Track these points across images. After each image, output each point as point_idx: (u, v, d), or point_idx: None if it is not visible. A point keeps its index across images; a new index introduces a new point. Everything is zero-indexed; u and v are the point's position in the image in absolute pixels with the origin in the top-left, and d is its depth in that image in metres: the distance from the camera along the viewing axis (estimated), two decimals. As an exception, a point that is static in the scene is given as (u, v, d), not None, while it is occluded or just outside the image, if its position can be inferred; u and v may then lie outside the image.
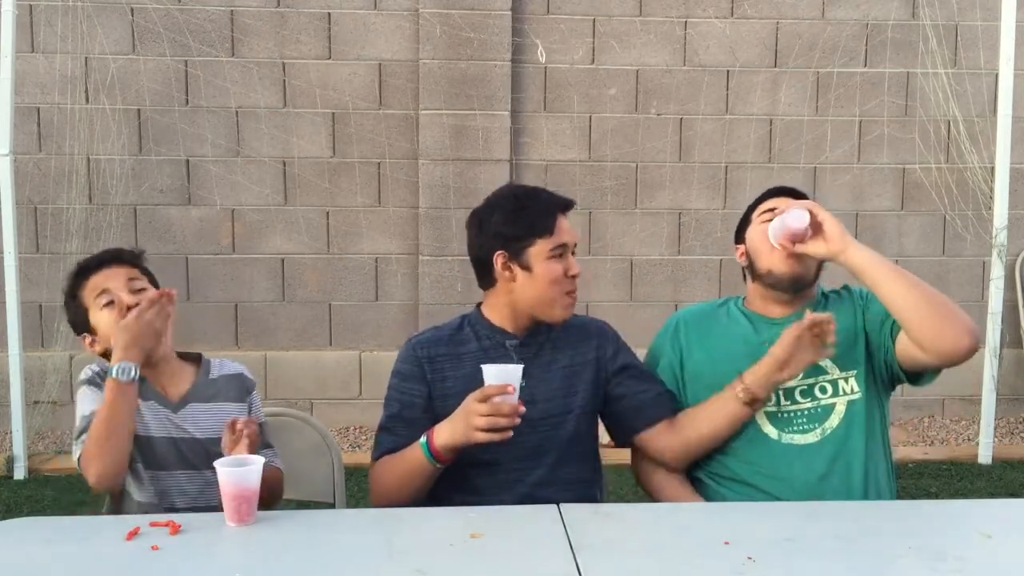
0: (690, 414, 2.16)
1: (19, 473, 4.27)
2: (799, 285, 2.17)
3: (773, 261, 2.15)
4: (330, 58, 4.93)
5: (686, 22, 5.03)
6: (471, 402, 1.89)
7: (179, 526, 1.76)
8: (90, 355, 2.10)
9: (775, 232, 2.12)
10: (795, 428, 2.12)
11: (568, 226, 2.11)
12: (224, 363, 2.17)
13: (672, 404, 2.19)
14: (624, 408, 2.18)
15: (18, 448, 4.29)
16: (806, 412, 2.13)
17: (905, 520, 1.89)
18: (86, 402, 2.01)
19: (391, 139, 4.97)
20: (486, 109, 4.92)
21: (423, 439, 1.97)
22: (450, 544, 1.71)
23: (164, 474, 2.00)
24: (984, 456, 4.59)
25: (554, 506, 1.89)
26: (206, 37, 4.85)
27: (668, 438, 2.15)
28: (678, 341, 2.25)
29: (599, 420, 2.23)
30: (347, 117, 4.94)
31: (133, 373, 1.92)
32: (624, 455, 4.90)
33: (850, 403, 2.13)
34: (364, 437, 4.85)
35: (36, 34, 4.78)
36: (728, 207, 5.12)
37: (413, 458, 1.99)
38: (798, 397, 2.13)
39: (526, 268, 2.08)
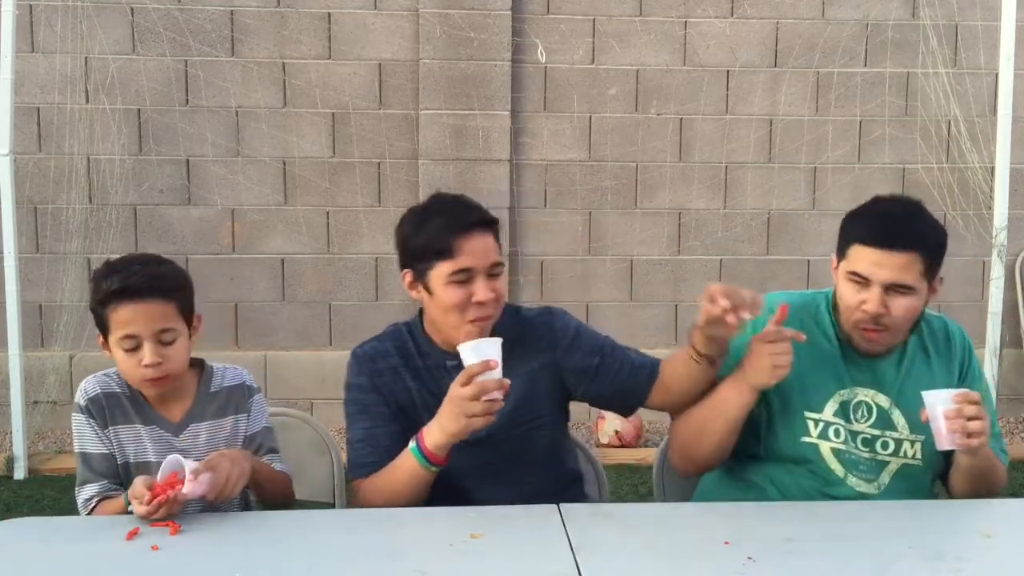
0: (668, 364, 2.08)
1: (19, 473, 4.27)
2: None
3: (854, 335, 2.02)
4: (330, 58, 4.92)
5: (686, 22, 5.02)
6: (455, 388, 1.80)
7: (179, 526, 1.76)
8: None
9: (931, 408, 1.87)
10: (860, 473, 2.04)
11: (481, 247, 1.94)
12: (227, 371, 2.09)
13: (649, 358, 2.11)
14: (616, 391, 2.10)
15: (18, 448, 4.29)
16: (866, 461, 2.05)
17: (905, 520, 1.88)
18: (84, 437, 1.97)
19: (391, 139, 4.96)
20: (486, 109, 4.92)
21: (413, 444, 1.88)
22: (450, 544, 1.71)
23: None
24: (984, 456, 4.58)
25: (554, 506, 1.88)
26: (206, 37, 4.84)
27: (663, 392, 2.08)
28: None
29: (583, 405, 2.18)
30: (347, 117, 4.94)
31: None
32: (624, 455, 4.90)
33: (905, 466, 2.05)
34: (364, 437, 4.84)
35: (36, 34, 4.78)
36: (728, 207, 5.12)
37: (405, 467, 1.90)
38: (860, 444, 2.05)
39: (428, 291, 1.97)
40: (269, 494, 2.03)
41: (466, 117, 4.92)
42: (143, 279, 1.91)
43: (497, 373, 1.80)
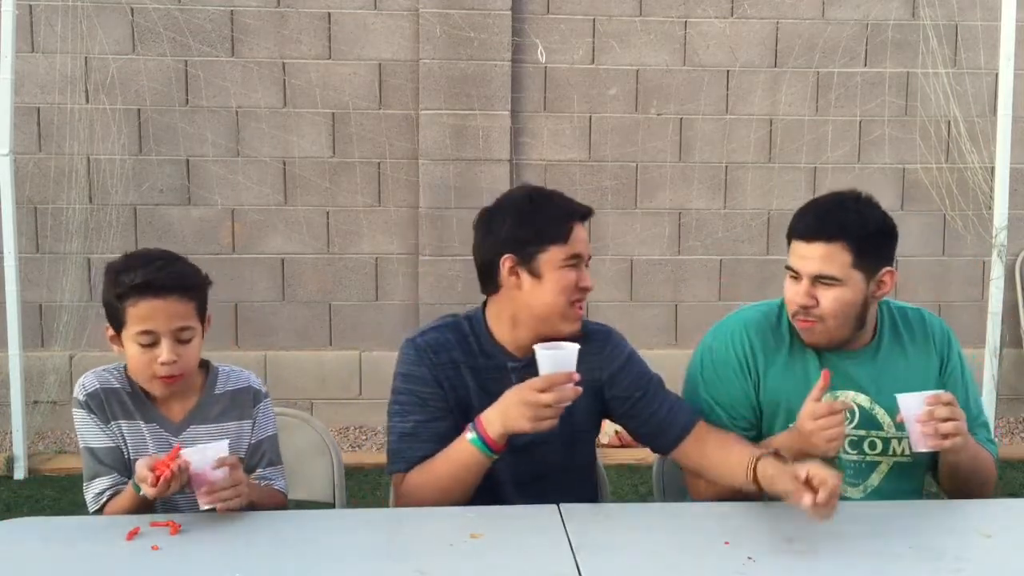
0: (721, 448, 1.99)
1: (19, 473, 4.27)
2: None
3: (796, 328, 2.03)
4: (330, 58, 4.92)
5: (686, 22, 5.02)
6: (531, 393, 1.79)
7: (179, 526, 1.76)
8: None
9: (906, 411, 1.86)
10: (847, 478, 2.01)
11: (584, 237, 2.01)
12: (232, 373, 2.07)
13: (688, 408, 2.07)
14: (647, 431, 2.10)
15: (18, 448, 4.29)
16: (853, 464, 2.04)
17: (905, 520, 1.88)
18: (87, 432, 1.96)
19: (391, 139, 4.97)
20: (486, 109, 4.92)
21: (472, 435, 1.86)
22: (450, 544, 1.71)
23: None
24: (984, 456, 4.58)
25: (554, 506, 1.89)
26: (206, 37, 4.84)
27: (696, 456, 2.04)
28: (747, 363, 2.06)
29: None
30: (347, 117, 4.94)
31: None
32: (624, 455, 4.89)
33: (896, 464, 2.04)
34: (364, 437, 4.85)
35: (36, 34, 4.78)
36: (728, 207, 5.11)
37: (461, 456, 1.88)
38: (847, 447, 2.02)
39: (535, 275, 1.97)
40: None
41: (466, 117, 4.92)
42: (168, 276, 1.90)
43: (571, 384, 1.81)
